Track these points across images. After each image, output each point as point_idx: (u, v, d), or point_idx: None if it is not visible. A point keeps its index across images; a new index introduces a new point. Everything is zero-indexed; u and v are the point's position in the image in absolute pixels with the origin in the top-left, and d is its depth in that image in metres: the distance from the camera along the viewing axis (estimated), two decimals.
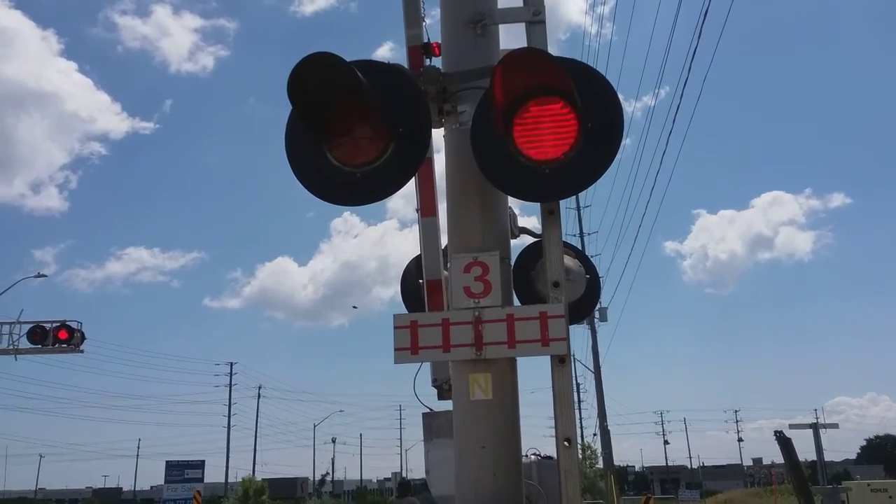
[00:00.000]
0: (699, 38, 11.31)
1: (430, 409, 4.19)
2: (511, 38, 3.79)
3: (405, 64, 3.88)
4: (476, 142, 3.29)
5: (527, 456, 3.73)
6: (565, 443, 3.01)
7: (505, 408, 3.21)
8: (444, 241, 3.94)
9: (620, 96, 3.26)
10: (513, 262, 3.79)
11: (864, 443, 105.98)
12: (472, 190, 3.43)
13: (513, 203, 3.78)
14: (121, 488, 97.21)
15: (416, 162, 3.30)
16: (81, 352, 23.66)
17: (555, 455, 3.13)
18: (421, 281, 4.29)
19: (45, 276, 35.16)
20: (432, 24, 4.07)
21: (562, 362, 3.08)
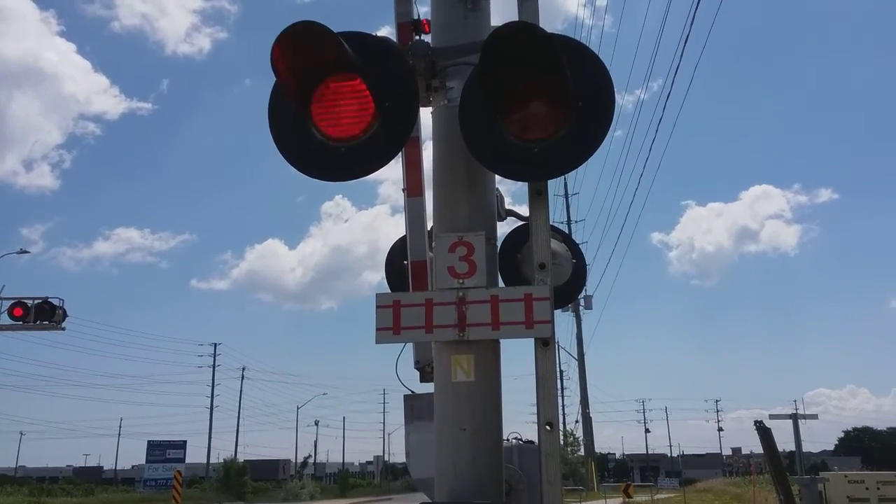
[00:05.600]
0: (692, 24, 11.26)
1: (412, 392, 4.14)
2: (505, 13, 3.71)
3: None
4: (464, 119, 3.21)
5: (508, 440, 3.68)
6: (547, 426, 2.96)
7: (487, 390, 3.15)
8: (430, 223, 3.87)
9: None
10: (499, 245, 3.73)
11: (842, 434, 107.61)
12: (458, 168, 3.35)
13: (501, 186, 3.71)
14: (101, 467, 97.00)
15: (402, 138, 3.22)
16: (63, 329, 23.55)
17: (536, 440, 3.08)
18: (406, 262, 4.22)
19: (29, 252, 34.90)
20: (423, 1, 3.98)
21: (545, 345, 3.03)
